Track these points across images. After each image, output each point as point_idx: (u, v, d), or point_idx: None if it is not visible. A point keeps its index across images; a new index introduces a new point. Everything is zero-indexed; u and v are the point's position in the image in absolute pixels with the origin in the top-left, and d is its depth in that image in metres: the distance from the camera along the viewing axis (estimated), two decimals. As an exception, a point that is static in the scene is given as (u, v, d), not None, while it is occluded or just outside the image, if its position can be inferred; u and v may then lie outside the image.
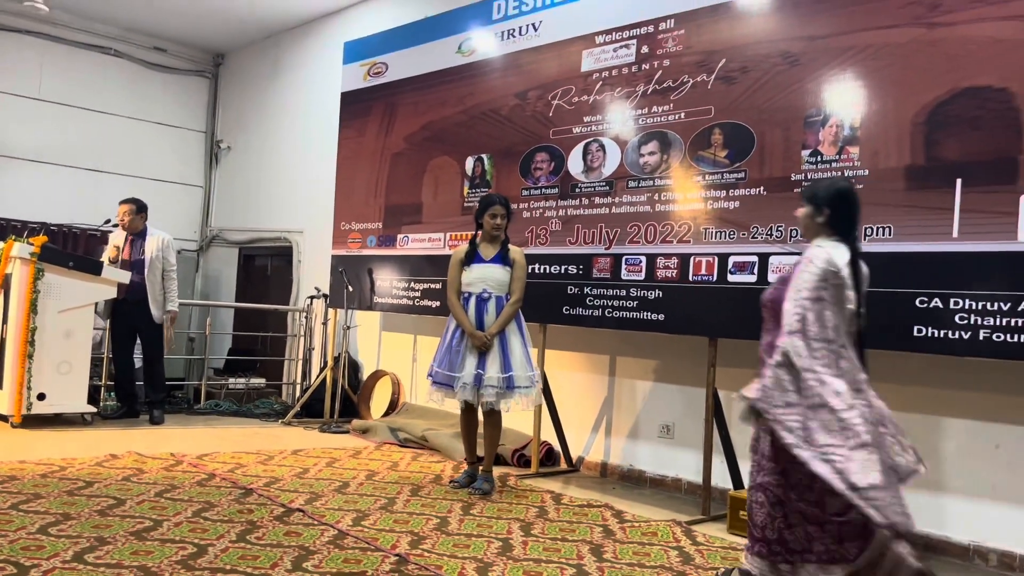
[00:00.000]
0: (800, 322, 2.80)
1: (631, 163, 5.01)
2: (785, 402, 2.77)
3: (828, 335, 2.81)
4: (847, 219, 3.03)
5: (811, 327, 2.80)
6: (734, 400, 4.15)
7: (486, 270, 4.70)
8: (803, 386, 2.75)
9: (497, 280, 4.69)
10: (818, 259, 2.89)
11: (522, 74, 5.70)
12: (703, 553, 3.75)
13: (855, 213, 3.08)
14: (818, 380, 2.75)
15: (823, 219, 3.03)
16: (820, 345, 2.79)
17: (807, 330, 2.80)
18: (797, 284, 2.87)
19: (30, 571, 2.95)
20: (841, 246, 2.97)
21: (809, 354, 2.77)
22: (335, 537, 3.61)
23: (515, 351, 4.64)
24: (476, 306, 4.66)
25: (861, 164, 4.02)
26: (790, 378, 2.78)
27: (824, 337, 2.80)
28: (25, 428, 5.84)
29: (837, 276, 2.88)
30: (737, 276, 4.41)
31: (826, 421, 2.71)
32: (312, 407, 7.16)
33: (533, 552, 3.59)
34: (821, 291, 2.84)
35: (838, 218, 3.02)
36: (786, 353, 2.79)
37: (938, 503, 4.08)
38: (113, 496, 4.08)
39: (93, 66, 9.41)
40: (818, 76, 4.22)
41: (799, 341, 2.78)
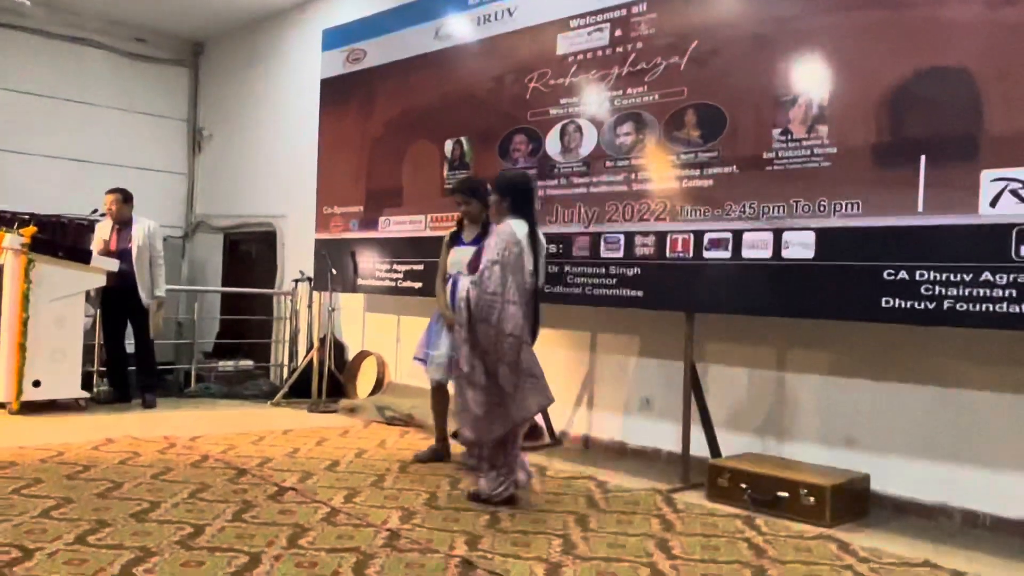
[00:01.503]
0: (480, 276, 3.88)
1: (608, 143, 5.02)
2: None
3: (497, 289, 3.84)
4: (524, 202, 4.07)
5: (487, 282, 3.85)
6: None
7: (461, 253, 4.68)
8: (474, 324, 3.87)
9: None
10: (503, 232, 3.93)
11: (499, 58, 5.68)
12: (684, 519, 3.81)
13: (530, 197, 4.14)
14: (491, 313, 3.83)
15: (507, 204, 4.04)
16: (489, 296, 3.83)
17: (483, 284, 3.86)
18: (488, 249, 3.91)
19: (35, 554, 2.96)
20: (522, 222, 3.99)
21: (477, 299, 3.86)
22: (328, 514, 3.64)
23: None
24: (451, 287, 4.63)
25: (830, 142, 4.05)
26: (466, 313, 3.90)
27: (493, 291, 3.83)
28: (22, 415, 5.82)
29: (517, 245, 3.90)
30: (713, 252, 4.44)
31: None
32: (300, 388, 7.15)
33: (521, 524, 3.63)
34: (502, 255, 3.86)
35: (516, 202, 4.04)
36: (467, 295, 3.90)
37: (907, 465, 4.16)
38: (111, 479, 4.09)
39: (76, 58, 9.28)
40: (788, 57, 4.24)
41: (475, 291, 3.87)
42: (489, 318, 3.84)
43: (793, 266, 4.13)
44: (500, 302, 3.83)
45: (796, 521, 3.85)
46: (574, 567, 3.08)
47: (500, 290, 3.85)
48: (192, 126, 10.14)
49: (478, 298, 3.88)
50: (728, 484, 4.18)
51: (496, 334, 3.82)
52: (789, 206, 4.16)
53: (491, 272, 3.86)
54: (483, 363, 3.88)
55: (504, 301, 3.83)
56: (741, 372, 4.85)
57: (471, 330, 3.89)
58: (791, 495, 3.95)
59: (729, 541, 3.50)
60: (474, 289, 3.92)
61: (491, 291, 3.86)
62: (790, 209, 4.16)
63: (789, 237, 4.15)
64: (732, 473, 4.19)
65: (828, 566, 3.23)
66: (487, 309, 3.84)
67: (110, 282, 6.32)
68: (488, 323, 3.85)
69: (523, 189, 4.14)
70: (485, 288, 3.87)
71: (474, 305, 3.89)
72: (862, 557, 3.36)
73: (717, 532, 3.63)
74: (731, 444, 4.73)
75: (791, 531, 3.70)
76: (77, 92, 9.28)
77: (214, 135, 9.90)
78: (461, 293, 4.05)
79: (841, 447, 4.39)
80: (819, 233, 4.04)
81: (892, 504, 4.17)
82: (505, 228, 3.97)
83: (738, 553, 3.34)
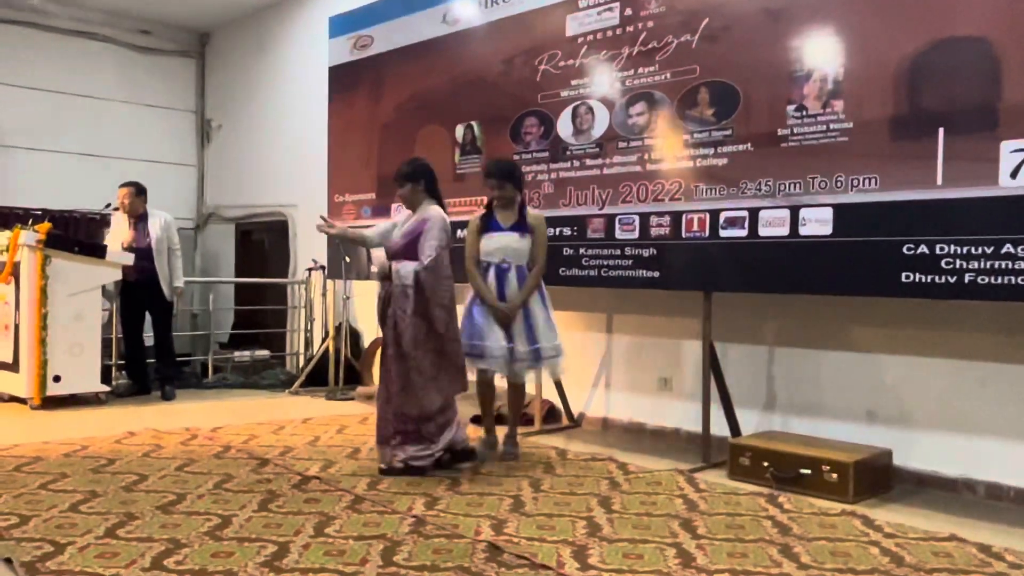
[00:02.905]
0: (433, 262, 4.09)
1: (620, 124, 4.99)
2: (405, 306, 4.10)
3: (449, 272, 4.15)
4: (435, 184, 4.34)
5: (438, 267, 4.10)
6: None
7: (505, 238, 4.52)
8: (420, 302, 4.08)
9: (516, 249, 4.51)
10: (436, 218, 4.19)
11: (508, 41, 5.65)
12: (706, 499, 3.81)
13: (436, 180, 4.36)
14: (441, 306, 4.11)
15: (421, 188, 4.29)
16: (445, 281, 4.12)
17: (435, 268, 4.09)
18: (431, 235, 4.13)
19: (66, 548, 2.99)
20: (439, 207, 4.28)
21: (433, 283, 4.08)
22: (352, 502, 3.66)
23: (538, 320, 4.49)
24: (496, 276, 4.50)
25: (846, 117, 4.02)
26: (412, 295, 4.08)
27: (447, 275, 4.14)
28: (43, 410, 5.87)
29: (448, 227, 4.21)
30: (729, 231, 4.42)
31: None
32: (316, 376, 7.18)
33: (544, 507, 3.65)
34: (443, 243, 4.13)
35: (430, 185, 4.31)
36: (418, 279, 4.07)
37: (929, 439, 4.16)
38: (136, 472, 4.12)
39: (82, 53, 9.28)
40: (801, 31, 4.20)
41: (430, 276, 4.07)
42: (444, 302, 4.11)
43: (811, 243, 4.11)
44: (448, 286, 4.15)
45: (819, 498, 3.85)
46: (600, 549, 3.10)
47: (449, 272, 4.18)
48: (200, 117, 10.14)
49: (436, 284, 4.09)
50: (750, 463, 4.19)
51: (447, 314, 4.13)
52: (806, 183, 4.14)
53: (441, 257, 4.13)
54: (426, 343, 4.10)
55: (451, 284, 4.19)
56: (759, 350, 4.85)
57: (425, 315, 4.09)
58: (813, 472, 3.95)
59: (753, 519, 3.51)
60: (429, 275, 4.09)
61: (446, 275, 4.15)
62: (807, 186, 4.13)
63: (806, 214, 4.13)
64: (753, 451, 4.20)
65: (854, 542, 3.23)
66: (443, 293, 4.11)
67: (130, 276, 6.37)
68: (443, 307, 4.11)
69: (431, 172, 4.36)
70: (441, 273, 4.12)
71: (430, 290, 4.08)
72: (887, 533, 3.36)
73: (741, 511, 3.64)
74: (751, 422, 4.73)
75: (815, 508, 3.70)
76: (84, 86, 9.28)
77: (223, 125, 9.89)
78: (407, 279, 4.10)
79: (862, 422, 4.39)
80: (837, 209, 4.02)
81: (915, 478, 4.17)
82: (436, 212, 4.24)
83: (763, 531, 3.35)
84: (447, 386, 4.20)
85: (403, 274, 4.13)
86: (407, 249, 4.23)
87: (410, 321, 4.10)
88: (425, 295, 4.09)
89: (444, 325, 4.12)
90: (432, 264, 4.11)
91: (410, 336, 4.10)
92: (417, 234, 4.22)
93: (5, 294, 6.15)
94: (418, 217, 4.29)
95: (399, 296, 4.14)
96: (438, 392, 4.17)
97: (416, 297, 4.09)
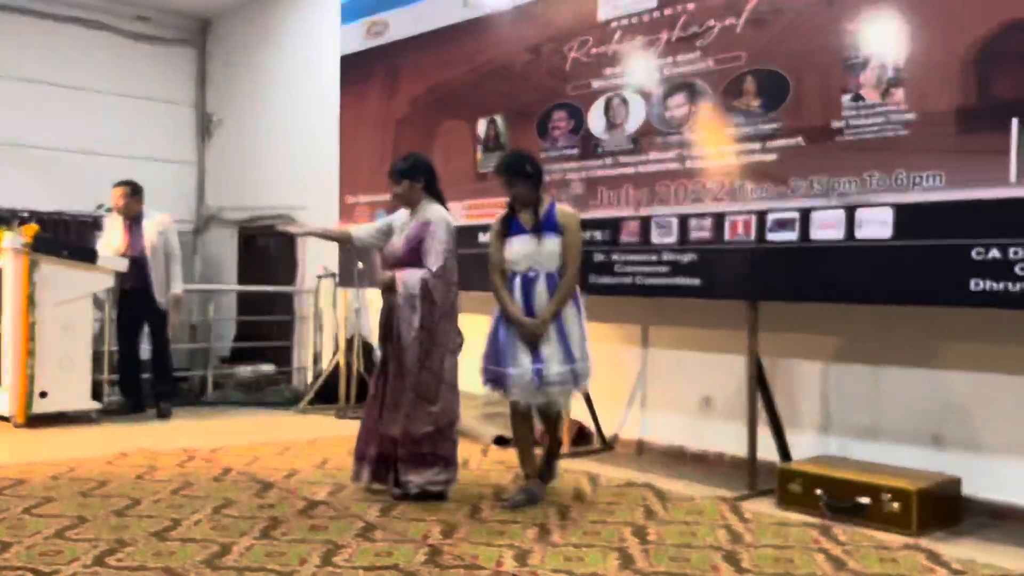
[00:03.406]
0: (442, 269, 4.12)
1: (657, 117, 4.99)
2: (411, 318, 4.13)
3: (454, 279, 4.18)
4: (435, 183, 4.34)
5: (448, 274, 4.14)
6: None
7: (528, 242, 4.20)
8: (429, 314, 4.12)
9: (542, 254, 4.17)
10: (440, 219, 4.21)
11: (534, 26, 5.67)
12: (752, 530, 3.79)
13: (437, 177, 4.37)
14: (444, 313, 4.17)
15: (421, 185, 4.28)
16: (455, 288, 4.19)
17: (445, 275, 4.13)
18: (437, 238, 4.15)
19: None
20: (442, 207, 4.29)
21: (444, 292, 4.12)
22: (363, 530, 3.68)
23: (574, 336, 4.16)
24: (522, 287, 4.18)
25: (907, 107, 3.99)
26: (420, 305, 4.11)
27: (455, 281, 4.18)
28: (28, 428, 5.94)
29: (454, 231, 4.26)
30: (778, 234, 4.40)
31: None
32: (326, 393, 7.23)
33: (573, 536, 3.64)
34: (451, 246, 4.18)
35: (430, 182, 4.31)
36: (426, 287, 4.10)
37: (1002, 466, 4.10)
38: (128, 495, 4.17)
39: (74, 41, 9.40)
40: (858, 15, 4.18)
41: (440, 283, 4.12)
42: (452, 313, 4.17)
43: (868, 247, 4.08)
44: (455, 293, 4.21)
45: (878, 530, 3.81)
46: (634, 584, 3.09)
47: (456, 279, 4.20)
48: (200, 111, 10.25)
49: (446, 292, 4.14)
50: (801, 490, 4.16)
51: (452, 326, 4.20)
52: (862, 180, 4.11)
53: (451, 263, 4.17)
54: (429, 360, 4.14)
55: (458, 293, 4.23)
56: (811, 366, 4.81)
57: (432, 329, 4.13)
58: (872, 501, 3.91)
59: (804, 552, 3.48)
60: (438, 282, 4.12)
61: (454, 281, 4.19)
62: (864, 184, 4.11)
63: (863, 215, 4.10)
64: (805, 478, 4.17)
65: (917, 579, 3.20)
66: (451, 302, 4.17)
67: (125, 283, 6.45)
68: (451, 319, 4.17)
69: (430, 168, 4.38)
70: (451, 280, 4.16)
71: (440, 299, 4.12)
72: (955, 569, 3.32)
73: (790, 543, 3.61)
74: (802, 446, 4.69)
75: (873, 541, 3.67)
76: (74, 77, 9.39)
77: (224, 120, 10.00)
78: (414, 289, 4.12)
79: (928, 447, 4.34)
80: (897, 209, 3.99)
81: (987, 510, 4.11)
82: (439, 213, 4.26)
83: (815, 565, 3.32)
84: (449, 405, 4.22)
85: (409, 284, 4.13)
86: (410, 256, 4.22)
87: (416, 336, 4.12)
88: (435, 305, 4.11)
89: (445, 336, 4.17)
90: (440, 271, 4.12)
91: (414, 353, 4.13)
92: (420, 239, 4.20)
93: (-13, 303, 6.24)
94: (420, 220, 4.27)
95: (404, 308, 4.14)
96: (441, 413, 4.18)
97: (424, 309, 4.10)
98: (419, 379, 4.14)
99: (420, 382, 4.14)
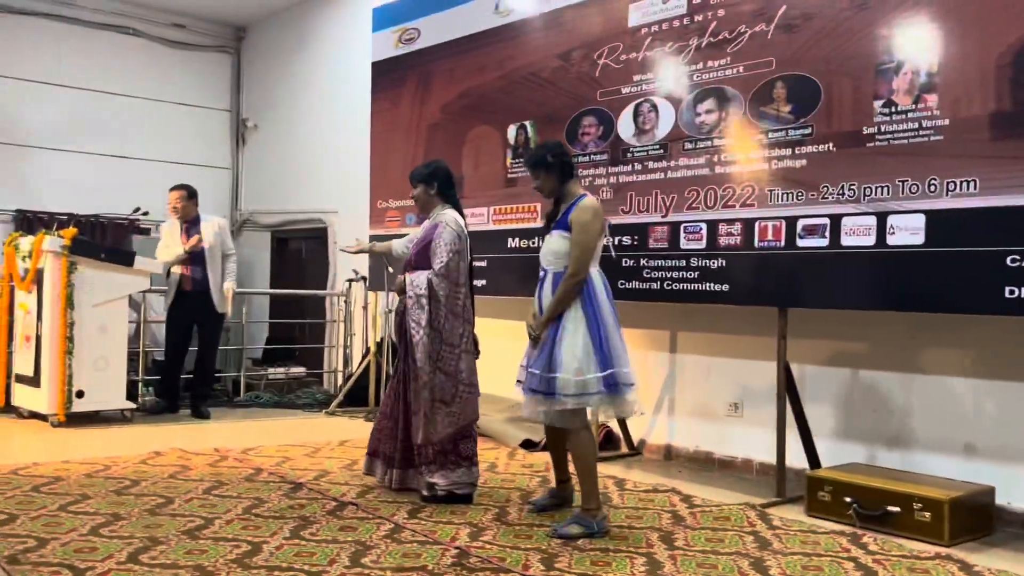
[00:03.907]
0: (445, 268, 4.12)
1: (687, 123, 4.97)
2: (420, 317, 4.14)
3: (460, 280, 4.18)
4: (451, 188, 4.35)
5: (452, 273, 4.13)
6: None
7: (548, 240, 3.98)
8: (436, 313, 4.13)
9: (553, 251, 3.91)
10: (453, 224, 4.20)
11: (565, 33, 5.68)
12: (780, 537, 3.75)
13: (453, 183, 4.39)
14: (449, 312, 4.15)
15: (434, 191, 4.30)
16: (461, 289, 4.17)
17: (449, 275, 4.13)
18: (443, 239, 4.15)
19: (85, 573, 3.06)
20: (456, 212, 4.28)
21: (448, 291, 4.13)
22: (392, 531, 3.68)
23: (565, 343, 3.74)
24: (538, 287, 4.00)
25: (940, 113, 3.94)
26: (428, 304, 4.12)
27: (457, 281, 4.16)
28: (65, 427, 6.02)
29: (464, 234, 4.23)
30: (807, 240, 4.37)
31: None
32: (356, 395, 7.26)
33: (600, 542, 3.62)
34: (458, 247, 4.17)
35: (444, 189, 4.31)
36: (431, 287, 4.11)
37: (1035, 477, 4.03)
38: (161, 494, 4.21)
39: (112, 47, 9.55)
40: (890, 20, 4.14)
41: (444, 282, 4.12)
42: (456, 308, 4.16)
43: (900, 254, 4.04)
44: (464, 293, 4.20)
45: (909, 539, 3.76)
46: (661, 589, 3.07)
47: (464, 280, 4.19)
48: (236, 116, 10.36)
49: (451, 291, 4.14)
50: (830, 498, 4.11)
51: (462, 324, 4.19)
52: (894, 187, 4.07)
53: (455, 263, 4.16)
54: (439, 359, 4.15)
55: (467, 292, 4.23)
56: (841, 373, 4.76)
57: (439, 327, 4.14)
58: (903, 510, 3.86)
59: (833, 561, 3.44)
60: (442, 281, 4.13)
61: (461, 283, 4.18)
62: (895, 190, 4.06)
63: (895, 221, 4.06)
64: (834, 485, 4.12)
65: (948, 589, 3.15)
66: (454, 300, 4.15)
67: (184, 285, 6.57)
68: (457, 316, 4.16)
69: (447, 175, 4.38)
70: (456, 280, 4.16)
71: (445, 298, 4.13)
72: (987, 579, 3.27)
73: (819, 551, 3.57)
74: (832, 453, 4.64)
75: (904, 550, 3.61)
76: (113, 83, 9.53)
77: (259, 126, 10.09)
78: (420, 288, 4.13)
79: (960, 456, 4.27)
80: (930, 216, 3.94)
81: (1020, 520, 4.04)
82: (449, 216, 4.26)
83: (844, 574, 3.28)
84: (469, 406, 4.20)
85: (416, 283, 4.16)
86: (420, 258, 4.27)
87: (424, 334, 4.12)
88: (440, 303, 4.12)
89: (458, 337, 4.17)
90: (444, 270, 4.13)
91: (424, 352, 4.12)
92: (428, 241, 4.25)
93: (27, 303, 6.34)
94: (430, 223, 4.34)
95: (413, 307, 4.16)
96: (460, 413, 4.17)
97: (431, 307, 4.12)
98: (433, 380, 4.13)
99: (435, 383, 4.13)
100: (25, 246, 6.38)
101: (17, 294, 6.48)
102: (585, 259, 3.80)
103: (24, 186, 8.96)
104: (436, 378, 4.13)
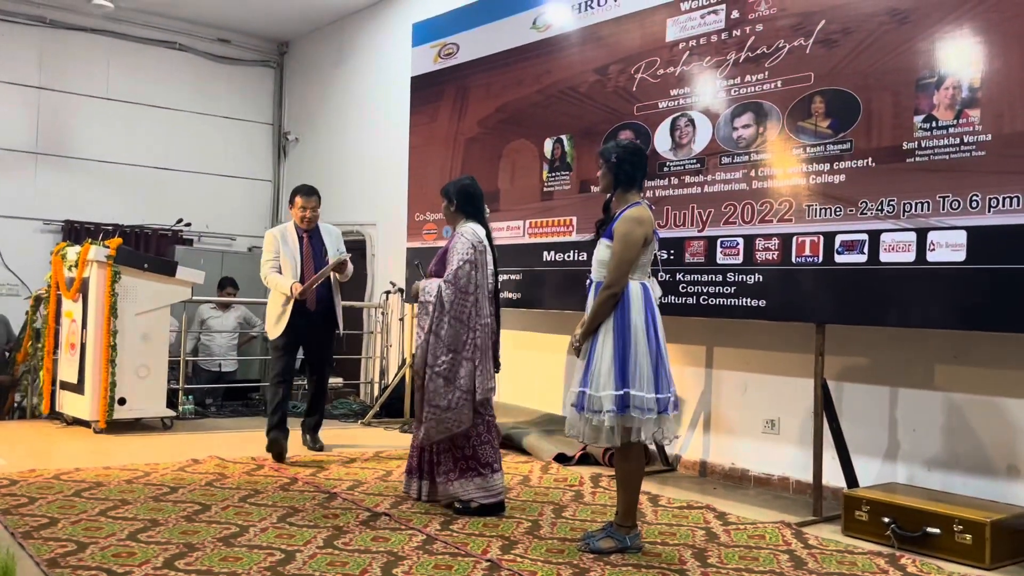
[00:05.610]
0: (453, 275, 4.21)
1: (724, 138, 4.94)
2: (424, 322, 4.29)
3: (469, 288, 4.23)
4: (473, 206, 4.43)
5: (460, 280, 4.22)
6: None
7: (595, 249, 3.81)
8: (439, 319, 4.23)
9: (599, 260, 3.74)
10: (468, 234, 4.31)
11: (602, 48, 5.67)
12: (816, 557, 3.69)
13: (479, 201, 4.46)
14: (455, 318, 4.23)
15: (454, 208, 4.43)
16: (466, 296, 4.23)
17: (457, 282, 4.22)
18: (456, 249, 4.27)
19: (122, 579, 3.09)
20: (478, 225, 4.38)
21: (453, 298, 4.21)
22: (424, 542, 3.68)
23: (594, 358, 3.63)
24: (586, 297, 3.82)
25: (983, 128, 3.88)
26: (436, 310, 4.22)
27: (466, 289, 4.23)
28: (107, 434, 6.11)
29: (481, 244, 4.31)
30: (845, 256, 4.31)
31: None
32: (392, 407, 7.29)
33: (632, 557, 3.59)
34: (470, 257, 4.24)
35: (464, 206, 4.42)
36: (439, 294, 4.21)
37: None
38: (198, 501, 4.24)
39: (158, 62, 9.74)
40: (931, 34, 4.08)
41: (451, 288, 4.21)
42: (462, 316, 4.22)
43: (940, 271, 3.97)
44: (472, 301, 4.24)
45: (949, 562, 3.68)
46: (693, 607, 3.02)
47: (473, 289, 4.24)
48: (277, 130, 10.49)
49: (456, 298, 4.22)
50: (867, 517, 4.04)
51: (467, 331, 4.22)
52: (935, 203, 4.00)
53: (464, 271, 4.23)
54: (436, 364, 4.21)
55: (476, 300, 4.25)
56: (879, 391, 4.68)
57: (439, 332, 4.22)
58: (943, 531, 3.77)
59: (870, 582, 3.38)
60: (449, 288, 4.22)
61: (470, 291, 4.24)
62: (936, 206, 4.00)
63: (935, 238, 3.99)
64: (872, 505, 4.04)
65: (988, 613, 3.07)
66: (460, 307, 4.22)
67: (311, 304, 5.64)
68: (462, 323, 4.22)
69: (471, 193, 4.46)
70: (463, 288, 4.23)
71: (448, 304, 4.21)
72: (1029, 604, 3.18)
73: (856, 572, 3.51)
74: (870, 472, 4.57)
75: (943, 573, 3.54)
76: (158, 97, 9.74)
77: (300, 139, 10.21)
78: (429, 295, 4.25)
79: (1002, 477, 4.18)
80: (971, 232, 3.87)
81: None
82: (466, 229, 4.37)
83: (881, 596, 3.22)
84: (455, 416, 4.18)
85: (427, 290, 4.30)
86: (437, 269, 4.42)
87: (424, 338, 4.24)
88: (445, 310, 4.21)
89: (462, 344, 4.21)
90: (452, 278, 4.21)
91: (421, 355, 4.24)
92: (445, 251, 4.38)
93: (72, 311, 6.45)
94: (451, 237, 4.47)
95: (420, 313, 4.32)
96: (441, 423, 4.18)
97: (435, 313, 4.22)
98: (426, 383, 4.22)
99: (428, 386, 4.21)
100: (72, 256, 6.50)
101: (64, 303, 6.60)
102: (621, 270, 3.63)
103: (73, 197, 9.14)
104: (432, 383, 4.20)
